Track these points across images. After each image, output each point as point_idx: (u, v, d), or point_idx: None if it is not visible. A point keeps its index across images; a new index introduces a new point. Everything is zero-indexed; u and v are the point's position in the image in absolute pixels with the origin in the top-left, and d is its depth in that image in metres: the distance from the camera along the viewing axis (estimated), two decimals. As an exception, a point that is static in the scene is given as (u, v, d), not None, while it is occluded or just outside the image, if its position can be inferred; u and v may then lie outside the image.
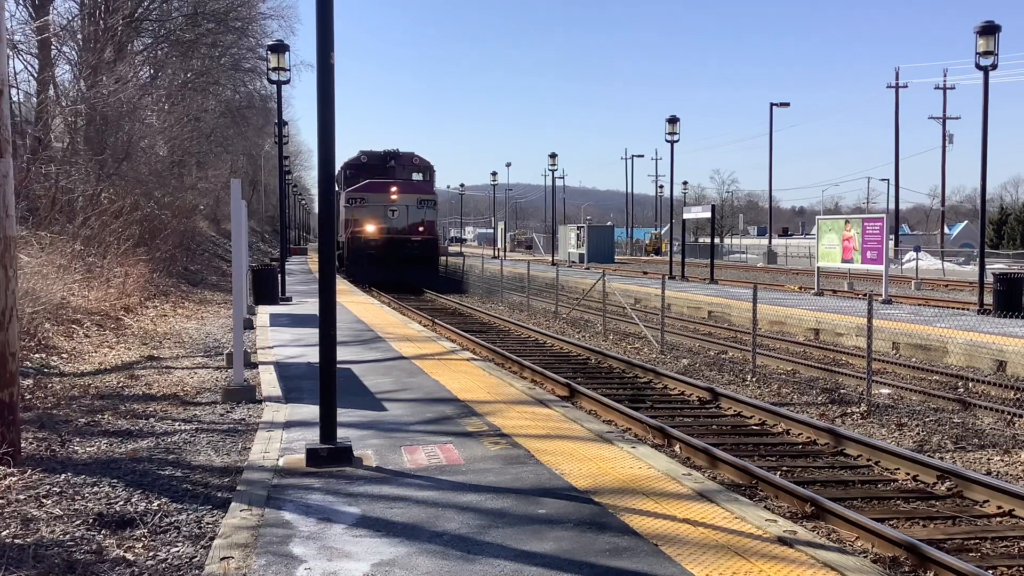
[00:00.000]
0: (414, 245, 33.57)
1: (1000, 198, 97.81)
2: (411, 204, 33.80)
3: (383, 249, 33.10)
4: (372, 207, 33.52)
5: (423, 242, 33.90)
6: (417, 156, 37.28)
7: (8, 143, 7.32)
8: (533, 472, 6.87)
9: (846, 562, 5.09)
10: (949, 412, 11.47)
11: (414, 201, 33.94)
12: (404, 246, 33.36)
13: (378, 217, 33.48)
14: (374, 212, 33.48)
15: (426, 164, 37.43)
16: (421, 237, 33.78)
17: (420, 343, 14.86)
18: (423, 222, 34.17)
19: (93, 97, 23.40)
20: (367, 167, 36.02)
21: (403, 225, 33.76)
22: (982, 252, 22.36)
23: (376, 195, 33.63)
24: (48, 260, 16.08)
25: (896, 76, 60.84)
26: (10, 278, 7.29)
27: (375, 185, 34.13)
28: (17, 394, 7.45)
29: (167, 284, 24.03)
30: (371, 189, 33.89)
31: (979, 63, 20.79)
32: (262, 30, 42.37)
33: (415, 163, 37.16)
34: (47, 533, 5.73)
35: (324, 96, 7.22)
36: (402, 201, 33.59)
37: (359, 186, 34.22)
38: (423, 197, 34.58)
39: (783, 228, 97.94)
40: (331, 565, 4.98)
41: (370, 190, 33.83)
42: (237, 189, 10.74)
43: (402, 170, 36.41)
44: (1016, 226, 66.96)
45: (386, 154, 36.55)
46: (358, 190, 33.98)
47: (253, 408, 9.78)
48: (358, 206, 33.57)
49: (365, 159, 36.42)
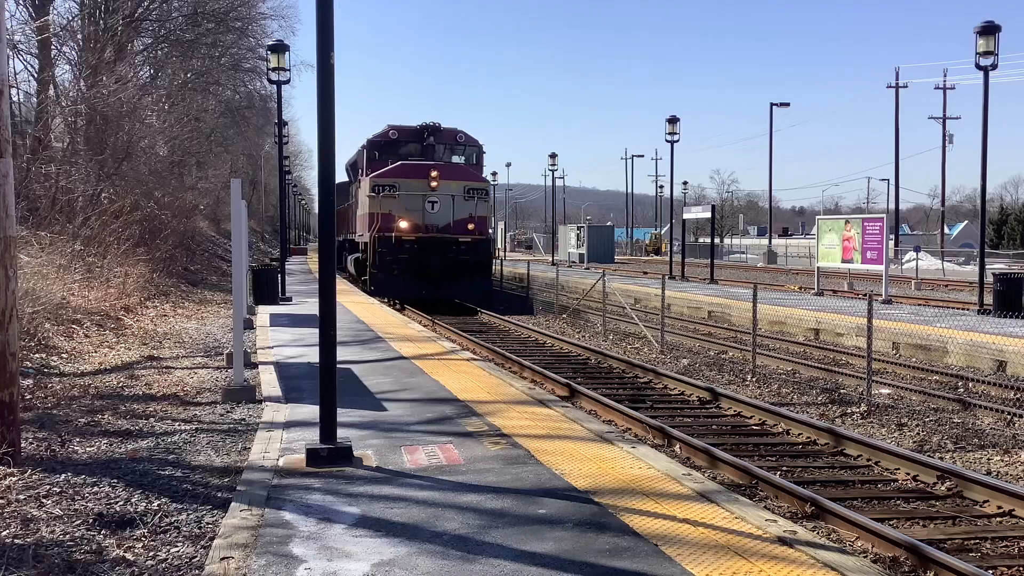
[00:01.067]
0: (462, 248, 25.67)
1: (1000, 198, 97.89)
2: (457, 194, 25.96)
3: (421, 253, 25.26)
4: (406, 197, 25.57)
5: (474, 244, 25.92)
6: (462, 132, 28.73)
7: (8, 143, 7.32)
8: (533, 472, 6.87)
9: (846, 562, 5.09)
10: (949, 412, 11.47)
11: (461, 190, 26.07)
12: (449, 250, 25.55)
13: (414, 210, 25.68)
14: (409, 204, 25.57)
15: (474, 143, 28.99)
16: (471, 238, 25.83)
17: (420, 343, 14.86)
18: (473, 218, 26.20)
19: (93, 97, 23.40)
20: (398, 146, 27.85)
21: (447, 221, 26.04)
22: (982, 252, 22.35)
23: (411, 181, 25.85)
24: (48, 260, 16.08)
25: (896, 76, 60.87)
26: (10, 278, 7.29)
27: (410, 168, 26.24)
28: (17, 394, 7.45)
29: (167, 284, 24.03)
30: (404, 173, 26.05)
31: (979, 63, 20.78)
32: (262, 30, 42.43)
33: (460, 141, 28.64)
34: (47, 533, 5.73)
35: (324, 96, 7.21)
36: (445, 189, 25.78)
37: (388, 169, 26.38)
38: (473, 185, 26.59)
39: (783, 228, 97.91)
40: (331, 565, 4.98)
41: (403, 175, 26.02)
42: (237, 189, 10.74)
43: (444, 150, 28.42)
44: (1016, 226, 66.96)
45: (423, 129, 27.99)
46: (387, 175, 26.17)
47: (253, 408, 9.78)
48: (387, 196, 25.58)
49: (395, 135, 27.90)
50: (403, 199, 25.68)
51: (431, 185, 25.64)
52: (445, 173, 26.29)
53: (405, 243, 25.40)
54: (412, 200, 25.72)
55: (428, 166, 26.27)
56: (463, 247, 25.80)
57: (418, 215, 25.81)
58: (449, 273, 25.37)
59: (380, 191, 25.79)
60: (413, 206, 25.70)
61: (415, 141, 27.95)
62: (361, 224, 27.89)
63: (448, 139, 28.52)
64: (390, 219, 25.64)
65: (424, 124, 28.05)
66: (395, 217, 25.54)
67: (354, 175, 32.50)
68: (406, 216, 25.61)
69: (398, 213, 25.59)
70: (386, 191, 25.72)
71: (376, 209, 25.72)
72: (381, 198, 25.63)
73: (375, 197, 25.75)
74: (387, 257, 25.32)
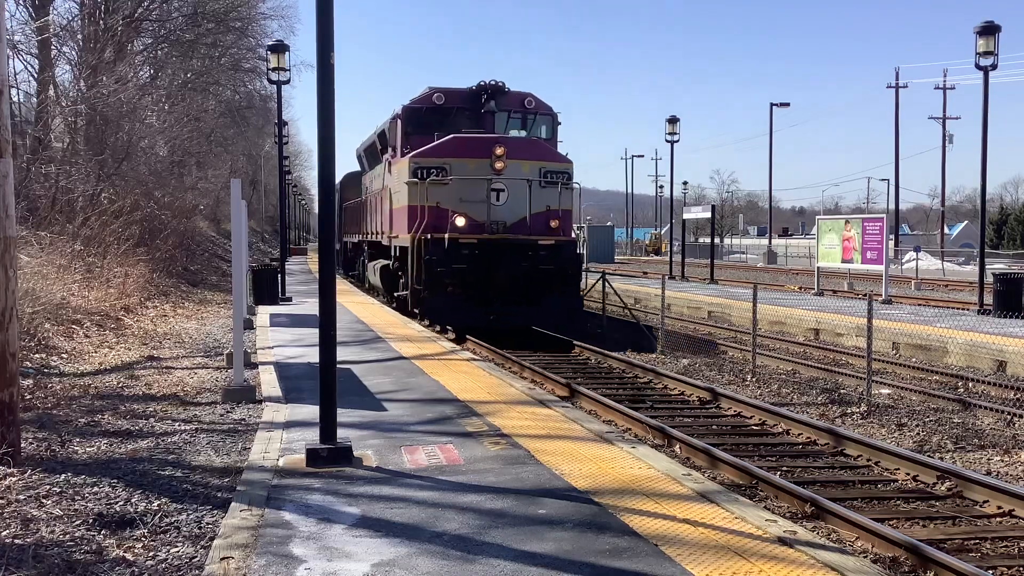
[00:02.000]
0: (542, 255, 18.16)
1: (1000, 198, 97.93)
2: (532, 179, 18.54)
3: (485, 262, 17.82)
4: (461, 184, 18.22)
5: (558, 248, 18.37)
6: (532, 96, 20.78)
7: (8, 143, 7.31)
8: (533, 472, 6.87)
9: (846, 562, 5.09)
10: (949, 412, 11.47)
11: (537, 173, 18.67)
12: (524, 256, 18.03)
13: (473, 202, 18.24)
14: (465, 193, 18.24)
15: (547, 110, 21.04)
16: (554, 239, 18.43)
17: (420, 343, 14.86)
18: (555, 211, 18.74)
19: (93, 97, 23.42)
20: (445, 114, 20.14)
21: (519, 216, 18.39)
22: (982, 252, 22.35)
23: (468, 162, 18.40)
24: (48, 260, 16.09)
25: (896, 76, 60.88)
26: (10, 278, 7.29)
27: (465, 144, 18.67)
28: (17, 394, 7.45)
29: (167, 284, 24.03)
30: (458, 150, 18.56)
31: (979, 63, 20.79)
32: (262, 30, 42.45)
33: (529, 107, 20.74)
34: (47, 533, 5.73)
35: (324, 96, 7.21)
36: (515, 172, 18.34)
37: (436, 146, 18.83)
38: (553, 166, 19.05)
39: (783, 228, 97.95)
40: (331, 565, 4.98)
41: (457, 152, 18.53)
42: (237, 189, 10.74)
43: (510, 120, 20.76)
44: (1016, 226, 67.00)
45: (479, 90, 20.16)
46: (434, 152, 18.67)
47: (253, 408, 9.78)
48: (435, 182, 18.27)
49: (441, 99, 20.22)
50: (457, 187, 18.14)
51: (496, 167, 18.05)
52: (515, 150, 18.60)
53: (463, 248, 17.72)
54: (470, 188, 18.16)
55: (491, 140, 18.56)
56: (544, 252, 18.12)
57: (479, 208, 18.16)
58: (525, 290, 17.92)
59: (424, 175, 18.28)
60: (471, 195, 18.16)
61: (468, 108, 20.16)
62: (394, 222, 20.46)
63: (514, 104, 20.61)
64: (440, 215, 18.08)
65: (481, 84, 20.12)
66: (448, 212, 18.00)
67: (372, 160, 26.23)
68: (462, 210, 18.11)
69: (451, 206, 18.10)
70: (433, 175, 18.24)
71: (419, 201, 18.18)
72: (427, 185, 18.11)
73: (417, 184, 18.24)
74: (438, 268, 17.51)
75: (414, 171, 18.50)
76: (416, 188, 18.38)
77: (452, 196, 18.20)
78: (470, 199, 18.20)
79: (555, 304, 18.16)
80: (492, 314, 17.74)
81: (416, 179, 18.42)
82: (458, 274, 17.70)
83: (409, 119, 20.34)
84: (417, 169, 18.51)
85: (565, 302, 18.31)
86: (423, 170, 18.47)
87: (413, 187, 18.49)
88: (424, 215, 18.08)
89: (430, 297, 17.81)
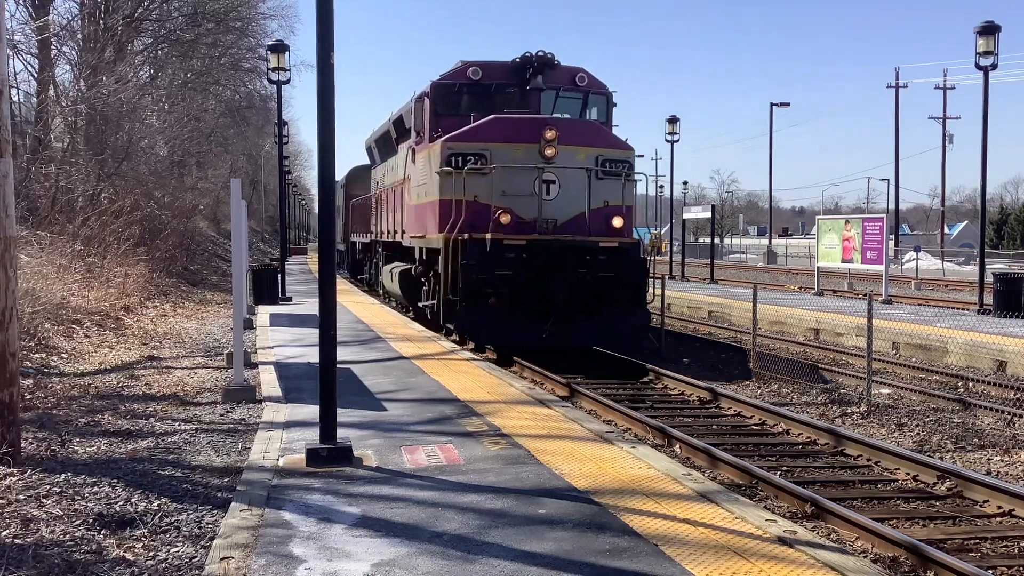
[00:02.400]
0: (602, 260, 15.14)
1: (1000, 198, 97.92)
2: (589, 168, 15.47)
3: (534, 267, 14.78)
4: (505, 174, 15.25)
5: (621, 253, 15.39)
6: (584, 72, 17.32)
7: (8, 143, 7.32)
8: (533, 472, 6.87)
9: (846, 562, 5.09)
10: (949, 412, 11.47)
11: (593, 161, 15.59)
12: (581, 261, 14.99)
13: (518, 195, 15.29)
14: (509, 184, 15.25)
15: (601, 88, 17.58)
16: (617, 241, 15.45)
17: (420, 343, 14.85)
18: (619, 209, 15.69)
19: (93, 97, 23.44)
20: (483, 92, 16.79)
21: (572, 213, 15.38)
22: (982, 252, 22.36)
23: (512, 148, 15.36)
24: (48, 260, 16.10)
25: (896, 76, 60.94)
26: (10, 278, 7.29)
27: (509, 125, 15.57)
28: (17, 394, 7.45)
29: (167, 284, 24.03)
30: (501, 134, 15.47)
31: (979, 63, 20.81)
32: (262, 30, 42.49)
33: (581, 84, 17.29)
34: (47, 533, 5.73)
35: (324, 96, 7.21)
36: (569, 160, 15.38)
37: (473, 128, 15.75)
38: (612, 154, 15.93)
39: (783, 228, 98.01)
40: (331, 565, 4.98)
41: (499, 135, 15.46)
42: (237, 189, 10.75)
43: (558, 99, 17.21)
44: (1016, 226, 67.01)
45: (524, 63, 16.70)
46: (471, 136, 15.65)
47: (253, 408, 9.78)
48: (473, 172, 15.22)
49: (478, 74, 16.75)
50: (500, 177, 15.12)
51: (546, 153, 15.09)
52: (569, 134, 15.46)
53: (508, 250, 14.78)
54: (515, 178, 15.22)
55: (540, 121, 15.45)
56: (603, 257, 15.08)
57: (526, 204, 15.21)
58: (583, 301, 14.82)
59: (460, 163, 15.28)
60: (517, 188, 15.20)
61: (510, 84, 16.80)
62: (418, 219, 17.57)
63: (564, 81, 17.11)
64: (479, 211, 15.08)
65: (527, 55, 16.60)
66: (491, 208, 15.01)
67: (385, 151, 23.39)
68: (506, 205, 15.10)
69: (493, 200, 15.06)
70: (471, 163, 15.25)
71: (453, 194, 15.15)
72: (465, 175, 15.02)
73: (452, 174, 15.20)
74: (478, 275, 14.55)
75: (448, 158, 15.39)
76: (450, 179, 15.22)
77: (493, 188, 15.07)
78: (515, 192, 15.18)
79: (619, 319, 14.99)
80: (545, 331, 14.42)
81: (450, 167, 15.28)
82: (502, 282, 14.55)
83: (440, 97, 16.85)
84: (452, 156, 15.40)
85: (631, 317, 15.15)
86: (459, 157, 15.37)
87: (446, 178, 15.34)
88: (460, 211, 14.89)
89: (467, 310, 14.54)
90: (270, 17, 44.10)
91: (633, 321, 15.22)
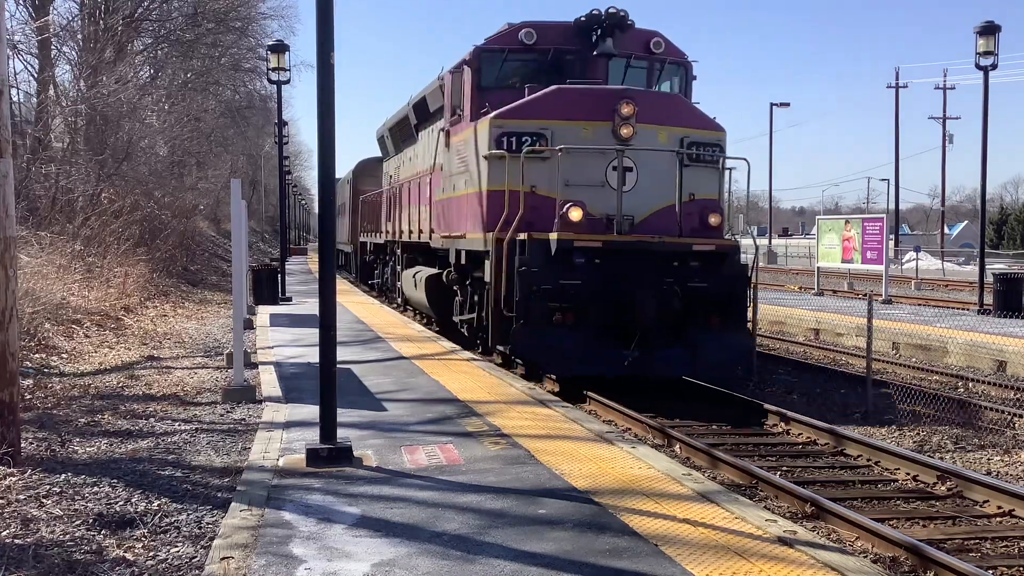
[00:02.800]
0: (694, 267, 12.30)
1: (1000, 198, 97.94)
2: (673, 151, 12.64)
3: (611, 276, 11.80)
4: (570, 160, 12.18)
5: (718, 259, 12.38)
6: (661, 37, 14.13)
7: (8, 143, 7.32)
8: (533, 472, 6.87)
9: (846, 562, 5.09)
10: (949, 412, 11.46)
11: (678, 144, 12.66)
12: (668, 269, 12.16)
13: (587, 186, 12.35)
14: (575, 173, 12.27)
15: (679, 57, 14.44)
16: (714, 244, 12.45)
17: (420, 343, 14.85)
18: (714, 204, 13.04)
19: (93, 97, 23.44)
20: (538, 59, 13.75)
21: (653, 207, 12.60)
22: (982, 252, 22.36)
23: (579, 125, 12.43)
24: (48, 260, 16.11)
25: (896, 76, 60.94)
26: (10, 278, 7.28)
27: (575, 99, 12.64)
28: (17, 394, 7.45)
29: (167, 284, 24.04)
30: (563, 108, 12.60)
31: (979, 63, 20.82)
32: (262, 30, 42.48)
33: (656, 52, 14.11)
34: (47, 533, 5.73)
35: (324, 96, 7.22)
36: (648, 139, 12.57)
37: (530, 101, 12.83)
38: (701, 136, 13.02)
39: (783, 228, 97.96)
40: (331, 565, 4.98)
41: (561, 110, 12.59)
42: (237, 189, 10.75)
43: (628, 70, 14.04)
44: (1016, 226, 67.05)
45: (591, 23, 13.54)
46: (526, 111, 12.74)
47: (253, 408, 9.78)
48: (532, 156, 12.31)
49: (532, 37, 13.53)
50: (565, 163, 12.06)
51: (621, 133, 12.17)
52: (648, 109, 12.48)
53: (577, 254, 11.81)
54: (582, 165, 12.27)
55: (614, 94, 12.42)
56: (695, 264, 12.23)
57: (596, 196, 12.26)
58: (671, 320, 11.86)
59: (512, 145, 12.36)
60: (585, 176, 12.29)
61: (572, 48, 13.65)
62: (454, 214, 14.56)
63: (636, 46, 13.92)
64: (539, 204, 12.20)
65: (594, 13, 13.43)
66: (555, 201, 12.02)
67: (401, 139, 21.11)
68: (574, 197, 12.04)
69: (559, 191, 12.03)
70: (528, 145, 12.30)
71: (506, 183, 12.22)
72: (523, 161, 12.08)
73: (504, 158, 12.28)
74: (540, 284, 11.56)
75: (498, 139, 12.46)
76: (501, 164, 12.25)
77: (553, 178, 12.04)
78: (582, 182, 12.16)
79: (719, 343, 11.91)
80: (628, 358, 11.44)
81: (500, 150, 12.33)
82: (571, 294, 11.51)
83: (485, 65, 13.67)
84: (503, 136, 12.44)
85: (734, 340, 12.09)
86: (512, 138, 12.41)
87: (497, 163, 12.41)
88: (516, 204, 12.01)
89: (526, 329, 11.45)
90: (270, 17, 44.16)
91: (737, 345, 12.20)
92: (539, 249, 11.70)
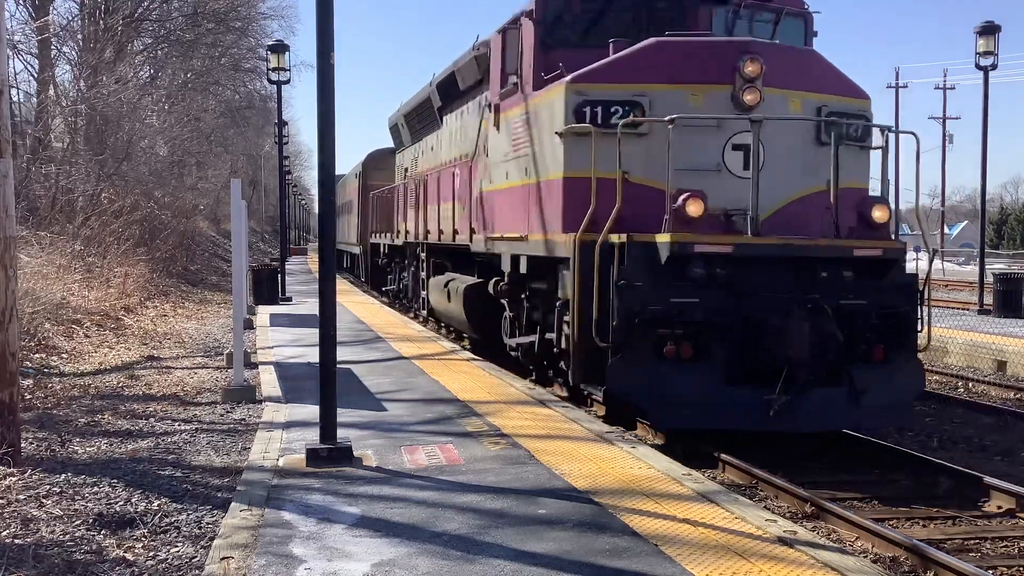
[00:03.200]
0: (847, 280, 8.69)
1: (1000, 198, 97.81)
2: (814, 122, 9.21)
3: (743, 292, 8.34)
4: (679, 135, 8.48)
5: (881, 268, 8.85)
6: None
7: (8, 143, 7.32)
8: (533, 472, 6.86)
9: (846, 562, 5.09)
10: (949, 412, 11.46)
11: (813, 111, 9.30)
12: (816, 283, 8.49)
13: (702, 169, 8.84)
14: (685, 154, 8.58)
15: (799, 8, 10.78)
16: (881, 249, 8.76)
17: (421, 343, 14.85)
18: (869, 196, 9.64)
19: (93, 97, 23.44)
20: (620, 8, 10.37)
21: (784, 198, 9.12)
22: (982, 252, 22.36)
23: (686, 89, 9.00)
24: (48, 260, 16.11)
25: (896, 76, 61.05)
26: (10, 278, 7.28)
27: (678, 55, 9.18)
28: (17, 394, 7.45)
29: (167, 284, 24.04)
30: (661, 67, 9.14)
31: (979, 63, 20.82)
32: (262, 30, 42.47)
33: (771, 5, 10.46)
34: (47, 533, 5.73)
35: (324, 96, 7.22)
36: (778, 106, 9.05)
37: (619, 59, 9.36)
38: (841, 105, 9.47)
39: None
40: (331, 565, 4.98)
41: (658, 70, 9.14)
42: (237, 189, 10.75)
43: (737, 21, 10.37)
44: (1016, 226, 67.04)
45: None
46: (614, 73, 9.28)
47: (253, 408, 9.78)
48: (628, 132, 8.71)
49: None
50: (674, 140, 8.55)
51: (744, 99, 8.96)
52: (777, 69, 9.16)
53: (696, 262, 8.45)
54: (690, 143, 8.87)
55: (733, 47, 9.24)
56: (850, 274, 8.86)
57: (711, 184, 8.88)
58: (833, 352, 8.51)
59: (597, 118, 9.23)
60: (693, 159, 8.94)
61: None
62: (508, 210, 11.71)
63: None
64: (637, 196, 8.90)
65: None
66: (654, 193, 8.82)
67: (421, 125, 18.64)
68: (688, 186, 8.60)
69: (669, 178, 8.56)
70: (618, 117, 9.02)
71: (591, 168, 8.94)
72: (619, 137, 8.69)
73: (588, 134, 9.06)
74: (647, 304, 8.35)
75: (578, 109, 9.35)
76: (585, 143, 9.11)
77: (653, 161, 8.95)
78: (692, 165, 8.90)
79: (888, 381, 8.78)
80: (774, 406, 8.27)
81: (581, 123, 9.25)
82: (688, 317, 8.46)
83: (552, 17, 10.59)
84: (585, 105, 9.32)
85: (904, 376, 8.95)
86: (598, 107, 9.30)
87: (577, 141, 9.32)
88: (607, 196, 8.83)
89: (629, 365, 8.45)
90: (270, 17, 44.15)
91: (909, 385, 9.08)
92: (644, 256, 8.54)
